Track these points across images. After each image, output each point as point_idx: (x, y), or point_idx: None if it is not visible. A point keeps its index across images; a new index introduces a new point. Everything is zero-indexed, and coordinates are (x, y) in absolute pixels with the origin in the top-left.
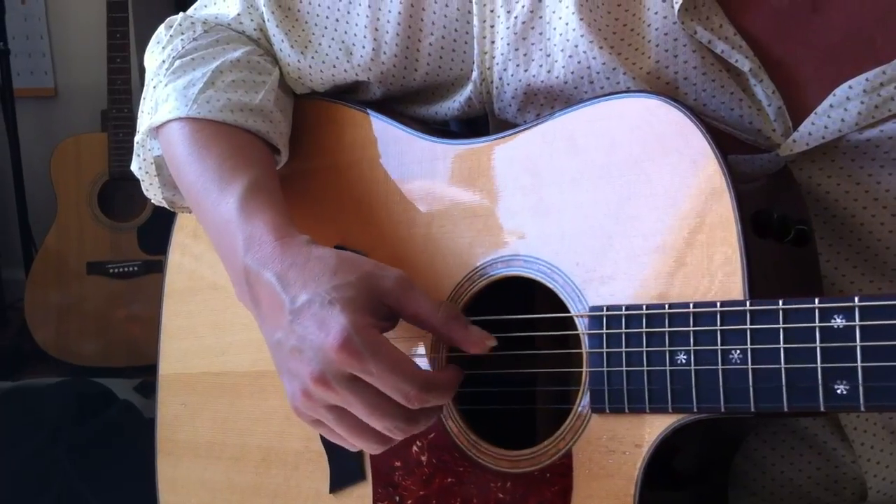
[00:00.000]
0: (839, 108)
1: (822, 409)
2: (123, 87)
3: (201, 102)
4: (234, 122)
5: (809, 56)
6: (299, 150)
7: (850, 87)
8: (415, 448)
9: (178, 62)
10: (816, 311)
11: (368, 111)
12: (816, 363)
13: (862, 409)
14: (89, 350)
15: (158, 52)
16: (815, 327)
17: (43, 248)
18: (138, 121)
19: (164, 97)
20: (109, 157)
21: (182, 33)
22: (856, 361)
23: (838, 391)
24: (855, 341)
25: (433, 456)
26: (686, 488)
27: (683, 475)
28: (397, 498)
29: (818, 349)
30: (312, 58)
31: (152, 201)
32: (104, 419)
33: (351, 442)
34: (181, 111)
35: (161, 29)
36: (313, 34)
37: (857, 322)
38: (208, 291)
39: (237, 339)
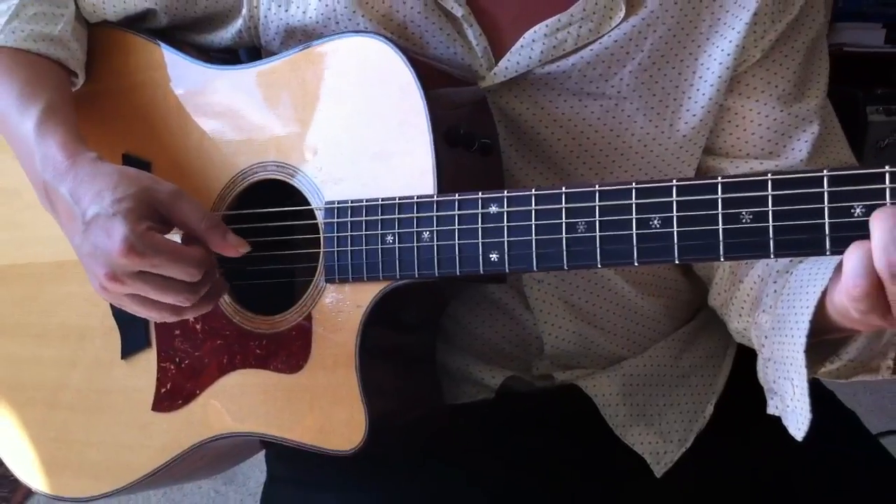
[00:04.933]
0: (527, 49)
1: (481, 272)
2: None
3: (7, 33)
4: (37, 51)
5: (510, 6)
6: (93, 73)
7: (535, 31)
8: (191, 318)
9: None
10: (479, 201)
11: (153, 39)
12: (478, 239)
13: (506, 271)
14: None
15: None
16: (478, 213)
17: None
18: None
19: None
20: None
21: None
22: (503, 237)
23: (492, 258)
24: (503, 223)
25: (206, 324)
26: (399, 340)
27: (397, 330)
28: (177, 359)
29: (479, 229)
30: None
31: None
32: None
33: (150, 315)
34: None
35: None
36: None
37: (506, 209)
38: (9, 195)
39: (38, 235)
